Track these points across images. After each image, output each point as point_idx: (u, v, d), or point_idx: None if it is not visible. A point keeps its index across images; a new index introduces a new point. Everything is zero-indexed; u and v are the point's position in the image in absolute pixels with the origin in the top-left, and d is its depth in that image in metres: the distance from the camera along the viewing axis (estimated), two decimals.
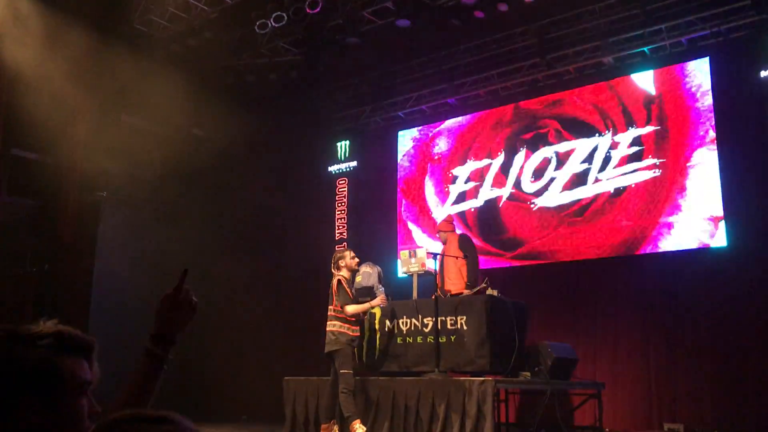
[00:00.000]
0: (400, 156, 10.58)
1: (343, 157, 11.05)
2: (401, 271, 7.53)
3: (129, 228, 10.34)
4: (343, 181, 11.00)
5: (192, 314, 1.70)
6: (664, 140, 8.26)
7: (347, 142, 11.03)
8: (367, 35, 9.31)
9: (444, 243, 7.46)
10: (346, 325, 6.43)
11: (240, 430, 7.84)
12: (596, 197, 8.63)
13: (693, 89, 8.17)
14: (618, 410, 7.86)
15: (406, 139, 10.59)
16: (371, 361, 7.00)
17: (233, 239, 11.02)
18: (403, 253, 7.29)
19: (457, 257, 7.13)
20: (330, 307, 6.54)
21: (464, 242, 7.40)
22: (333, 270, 6.72)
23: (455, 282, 7.09)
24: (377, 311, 7.07)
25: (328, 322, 6.50)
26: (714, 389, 7.44)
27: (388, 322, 6.97)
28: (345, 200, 10.92)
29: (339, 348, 6.38)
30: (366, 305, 6.53)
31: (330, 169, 11.14)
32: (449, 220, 7.89)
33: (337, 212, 10.94)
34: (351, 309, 6.44)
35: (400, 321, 6.90)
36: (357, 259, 6.76)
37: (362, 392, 6.53)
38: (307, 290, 10.56)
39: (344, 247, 6.92)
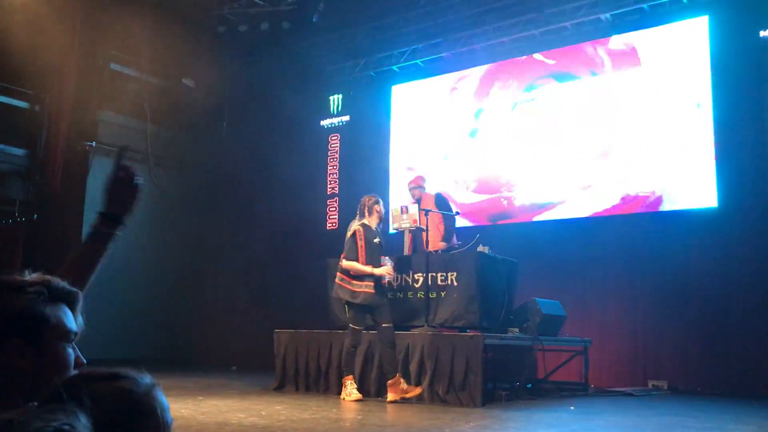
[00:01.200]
0: (395, 110, 10.47)
1: (335, 111, 10.94)
2: (392, 227, 7.51)
3: None
4: (336, 136, 10.91)
5: (135, 193, 1.71)
6: (655, 101, 8.19)
7: (340, 96, 10.90)
8: None
9: (417, 201, 7.31)
10: (347, 279, 6.16)
11: (229, 380, 7.91)
12: (580, 155, 8.62)
13: (688, 48, 8.07)
14: (604, 367, 7.98)
15: (403, 91, 10.45)
16: None
17: (225, 190, 10.99)
18: (395, 209, 7.27)
19: (445, 213, 7.11)
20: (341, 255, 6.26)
21: (441, 201, 7.34)
22: (358, 217, 6.36)
23: (433, 239, 7.03)
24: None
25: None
26: (698, 348, 7.54)
27: None
28: (337, 155, 10.85)
29: (339, 301, 6.31)
30: (367, 269, 6.12)
31: (322, 123, 11.03)
32: (422, 178, 7.68)
33: (329, 167, 10.88)
34: (347, 264, 6.19)
35: (390, 277, 6.90)
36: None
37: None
38: (298, 243, 10.57)
39: (374, 197, 6.53)
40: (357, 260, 6.13)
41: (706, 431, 4.74)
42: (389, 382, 5.96)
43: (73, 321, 1.23)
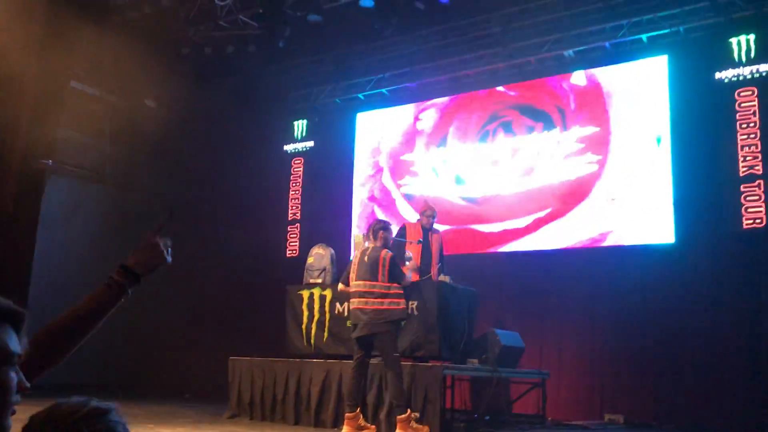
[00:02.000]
0: (359, 137, 10.46)
1: (300, 137, 10.89)
2: (354, 254, 7.46)
3: (75, 198, 10.04)
4: (299, 161, 10.86)
5: (160, 261, 1.66)
6: (618, 136, 8.35)
7: (305, 122, 10.88)
8: (329, 14, 9.17)
9: (428, 227, 7.01)
10: (396, 301, 5.74)
11: (182, 408, 7.70)
12: (542, 188, 8.72)
13: (648, 87, 8.27)
14: (561, 400, 7.97)
15: (368, 119, 10.47)
16: (320, 343, 6.94)
17: (184, 213, 10.80)
18: (357, 236, 7.23)
19: (411, 242, 6.97)
20: (370, 282, 5.74)
21: (441, 248, 7.08)
22: (372, 241, 5.97)
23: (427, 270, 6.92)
24: (328, 293, 7.00)
25: (371, 299, 5.71)
26: (654, 383, 7.60)
27: (338, 305, 6.91)
28: (300, 180, 10.79)
29: (387, 329, 5.67)
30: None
31: (286, 148, 10.98)
32: (434, 206, 7.34)
33: (291, 192, 10.80)
34: (407, 282, 5.91)
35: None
36: None
37: (308, 375, 6.47)
38: (257, 269, 10.43)
39: (382, 222, 6.21)
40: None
41: None
42: (399, 417, 5.51)
43: (17, 343, 1.15)
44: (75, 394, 1.11)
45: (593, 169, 8.43)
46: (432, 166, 9.68)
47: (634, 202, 8.09)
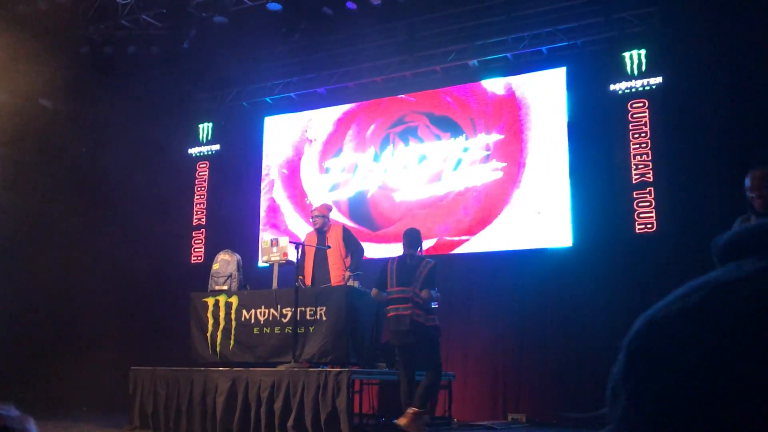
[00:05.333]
0: (268, 139, 10.35)
1: (205, 140, 10.67)
2: (262, 260, 7.37)
3: None
4: (204, 165, 10.63)
5: None
6: (511, 144, 8.63)
7: (210, 125, 10.66)
8: (236, 16, 9.05)
9: (319, 228, 7.04)
10: (431, 316, 5.96)
11: (78, 422, 7.37)
12: (448, 194, 8.91)
13: (548, 96, 8.59)
14: (467, 401, 8.15)
15: (276, 123, 10.37)
16: (226, 351, 6.81)
17: (80, 219, 10.35)
18: (265, 242, 7.15)
19: (327, 248, 6.95)
20: (409, 288, 5.83)
21: (349, 237, 7.08)
22: (415, 250, 6.08)
23: (336, 273, 6.92)
24: (234, 300, 6.88)
25: (407, 306, 5.81)
26: (556, 383, 7.87)
27: (245, 312, 6.80)
28: (205, 184, 10.56)
29: (429, 337, 5.89)
30: None
31: (190, 151, 10.72)
32: (328, 207, 7.38)
33: (196, 196, 10.56)
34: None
35: (258, 311, 6.75)
36: None
37: (214, 384, 6.34)
38: (160, 275, 10.12)
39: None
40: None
41: None
42: (414, 410, 5.73)
43: None
44: None
45: (498, 176, 8.68)
46: (350, 168, 9.70)
47: (535, 207, 8.37)
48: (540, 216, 8.31)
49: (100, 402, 9.11)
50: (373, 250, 9.14)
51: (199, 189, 10.58)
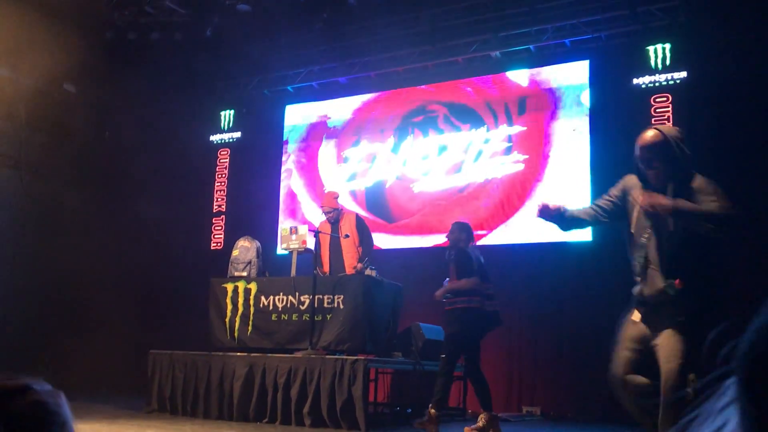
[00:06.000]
0: (288, 128, 10.39)
1: (226, 127, 10.73)
2: (280, 248, 7.42)
3: None
4: (225, 152, 10.69)
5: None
6: (534, 137, 8.59)
7: (232, 112, 10.72)
8: (259, 4, 9.07)
9: (332, 221, 7.09)
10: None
11: (98, 403, 7.47)
12: (468, 186, 8.89)
13: (570, 90, 8.54)
14: None
15: (297, 111, 10.41)
16: (244, 336, 6.88)
17: (102, 204, 10.47)
18: (284, 230, 7.19)
19: (344, 237, 6.97)
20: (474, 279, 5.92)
21: (362, 225, 7.10)
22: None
23: (350, 262, 6.95)
24: (253, 287, 6.94)
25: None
26: (569, 376, 7.86)
27: (263, 299, 6.86)
28: (226, 171, 10.63)
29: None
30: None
31: (212, 138, 10.79)
32: (336, 196, 7.38)
33: (216, 183, 10.63)
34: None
35: (276, 298, 6.80)
36: None
37: (231, 369, 6.41)
38: (180, 261, 10.22)
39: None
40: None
41: None
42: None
43: None
44: None
45: (519, 168, 8.65)
46: (368, 158, 9.71)
47: (555, 199, 8.33)
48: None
49: (118, 384, 9.23)
50: (389, 242, 9.17)
51: (219, 176, 10.64)
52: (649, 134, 3.38)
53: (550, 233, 8.27)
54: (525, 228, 8.47)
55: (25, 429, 0.85)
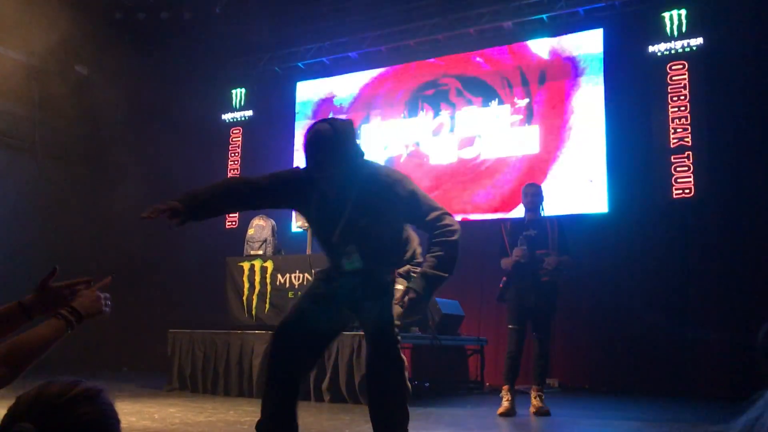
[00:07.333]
0: (300, 104, 10.35)
1: (238, 106, 10.71)
2: (295, 226, 7.42)
3: (3, 168, 9.65)
4: (237, 130, 10.68)
5: (100, 312, 1.79)
6: (550, 108, 8.50)
7: (243, 90, 10.68)
8: None
9: None
10: None
11: (119, 381, 7.58)
12: (483, 162, 8.83)
13: (584, 59, 8.42)
14: (499, 366, 8.16)
15: (308, 88, 10.36)
16: (261, 314, 6.92)
17: (118, 183, 10.50)
18: None
19: None
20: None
21: None
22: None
23: None
24: (269, 265, 6.96)
25: None
26: (588, 348, 7.86)
27: (279, 276, 6.88)
28: (238, 150, 10.62)
29: None
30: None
31: (224, 117, 10.77)
32: None
33: (229, 162, 10.63)
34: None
35: (292, 275, 6.82)
36: None
37: (250, 346, 6.45)
38: (195, 240, 10.26)
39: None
40: None
41: (595, 427, 4.94)
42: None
43: None
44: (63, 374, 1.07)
45: (534, 141, 8.57)
46: (379, 134, 9.67)
47: (571, 173, 8.27)
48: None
49: (139, 364, 9.35)
50: None
51: (232, 155, 10.64)
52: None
53: (566, 206, 8.23)
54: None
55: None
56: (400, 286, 2.87)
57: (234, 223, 10.28)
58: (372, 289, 2.79)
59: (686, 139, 7.62)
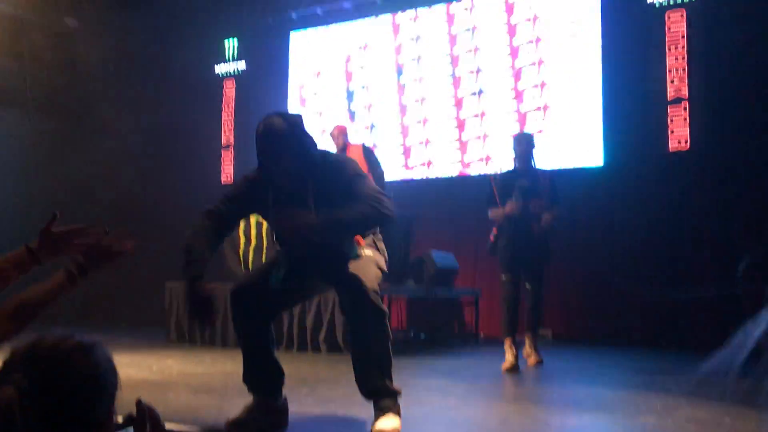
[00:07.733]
0: (294, 56, 10.22)
1: (230, 57, 10.56)
2: None
3: None
4: (231, 83, 10.56)
5: (107, 261, 1.94)
6: (548, 61, 8.41)
7: (235, 40, 10.52)
8: None
9: (341, 150, 6.91)
10: None
11: (117, 335, 7.65)
12: (478, 114, 8.78)
13: (581, 8, 8.29)
14: (494, 317, 8.25)
15: (301, 39, 10.21)
16: None
17: (110, 138, 10.42)
18: None
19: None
20: None
21: (369, 153, 6.94)
22: None
23: None
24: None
25: None
26: (582, 300, 7.92)
27: None
28: (232, 103, 10.52)
29: None
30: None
31: (216, 69, 10.63)
32: (342, 130, 7.16)
33: (223, 115, 10.54)
34: None
35: None
36: None
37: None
38: (190, 195, 10.23)
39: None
40: None
41: (590, 377, 5.03)
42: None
43: None
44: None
45: (529, 94, 8.51)
46: (362, 87, 9.58)
47: (564, 125, 8.23)
48: (571, 135, 8.15)
49: (136, 319, 9.41)
50: (401, 173, 9.16)
51: (226, 107, 10.54)
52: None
53: (561, 159, 8.21)
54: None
55: (85, 387, 0.94)
56: (368, 251, 2.98)
57: (229, 176, 10.25)
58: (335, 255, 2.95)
59: (683, 90, 7.56)
